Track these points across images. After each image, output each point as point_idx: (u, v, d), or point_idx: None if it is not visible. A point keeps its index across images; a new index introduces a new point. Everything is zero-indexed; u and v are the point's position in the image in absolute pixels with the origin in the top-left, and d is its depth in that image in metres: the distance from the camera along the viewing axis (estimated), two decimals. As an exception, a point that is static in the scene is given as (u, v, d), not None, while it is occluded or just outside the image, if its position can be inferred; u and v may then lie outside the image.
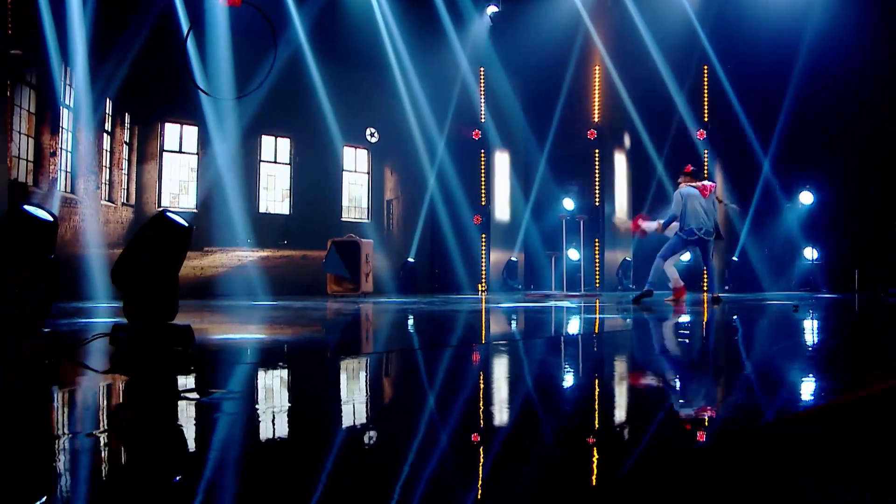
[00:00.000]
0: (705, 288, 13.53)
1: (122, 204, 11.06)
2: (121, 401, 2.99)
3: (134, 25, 10.45)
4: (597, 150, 14.17)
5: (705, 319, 7.41)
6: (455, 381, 3.42)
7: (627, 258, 14.43)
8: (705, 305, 9.59)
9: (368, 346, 5.17)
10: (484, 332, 6.05)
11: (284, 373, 3.72)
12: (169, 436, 2.32)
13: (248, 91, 8.10)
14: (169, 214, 4.41)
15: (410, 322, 6.97)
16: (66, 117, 9.81)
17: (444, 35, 13.83)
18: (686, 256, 14.00)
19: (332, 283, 11.98)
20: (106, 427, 2.41)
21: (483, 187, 14.50)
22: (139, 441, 2.27)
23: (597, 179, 14.17)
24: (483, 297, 11.63)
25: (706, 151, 13.68)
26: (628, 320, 7.17)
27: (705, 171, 13.69)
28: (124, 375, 3.55)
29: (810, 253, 13.30)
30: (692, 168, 9.43)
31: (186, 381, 3.40)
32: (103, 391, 3.13)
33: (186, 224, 4.43)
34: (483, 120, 14.49)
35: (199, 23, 10.91)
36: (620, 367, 3.99)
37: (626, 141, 14.81)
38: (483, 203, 14.41)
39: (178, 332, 4.41)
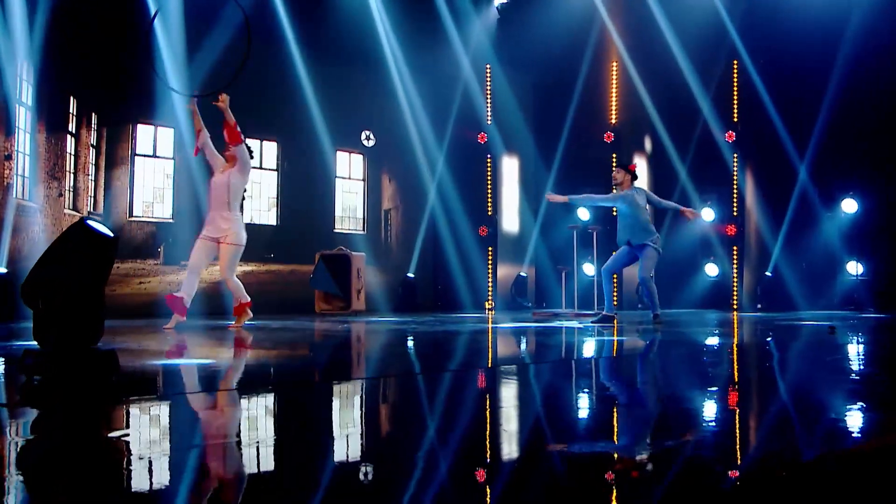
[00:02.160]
0: (735, 305, 13.02)
1: (89, 213, 10.67)
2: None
3: (102, 15, 10.10)
4: (614, 155, 13.74)
5: (734, 342, 6.92)
6: (429, 425, 2.93)
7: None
8: (735, 326, 9.07)
9: (336, 374, 4.69)
10: (454, 360, 5.56)
11: (213, 408, 3.23)
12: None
13: (217, 88, 7.65)
14: (90, 223, 3.96)
15: (383, 346, 6.53)
16: (22, 116, 9.44)
17: (446, 29, 13.49)
18: (714, 271, 13.51)
19: (320, 301, 11.57)
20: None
21: (489, 196, 14.15)
22: None
23: (614, 187, 13.66)
24: (487, 317, 11.18)
25: (735, 155, 13.21)
26: (649, 342, 6.73)
27: (734, 179, 13.19)
28: (29, 408, 3.13)
29: (854, 268, 12.74)
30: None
31: (93, 418, 2.94)
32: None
33: (111, 234, 3.98)
34: (489, 122, 14.16)
35: (173, 13, 10.54)
36: (636, 396, 3.50)
37: (647, 144, 14.39)
38: (490, 213, 14.07)
39: (101, 359, 3.94)
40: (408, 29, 13.16)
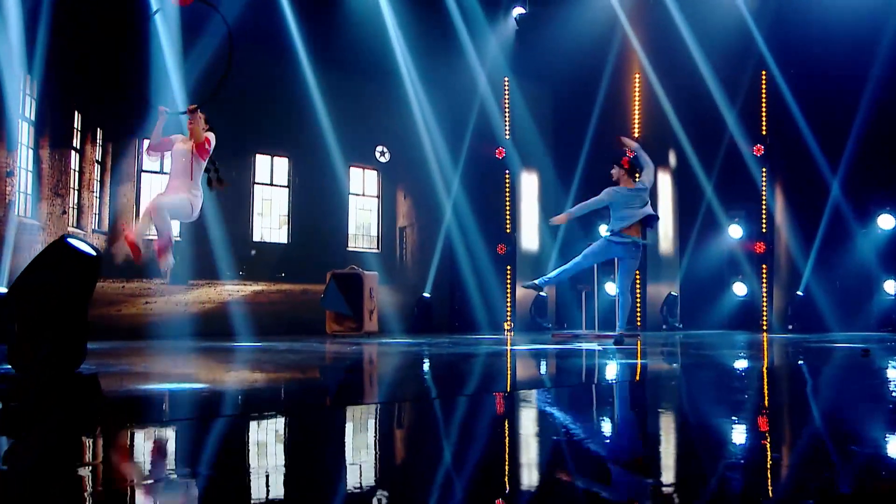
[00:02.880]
0: (765, 327, 12.70)
1: (94, 231, 10.63)
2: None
3: (107, 28, 10.06)
4: (637, 172, 13.45)
5: (765, 366, 6.66)
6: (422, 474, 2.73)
7: (673, 293, 13.71)
8: (765, 348, 8.78)
9: (340, 399, 4.49)
10: (461, 385, 5.35)
11: (201, 438, 3.04)
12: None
13: (202, 100, 7.46)
14: (71, 240, 3.80)
15: (391, 370, 6.34)
16: (25, 132, 9.41)
17: (461, 41, 13.38)
18: (742, 290, 13.22)
19: (331, 322, 11.41)
20: None
21: (508, 213, 13.95)
22: None
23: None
24: (504, 338, 10.96)
25: (764, 170, 12.93)
26: (674, 366, 6.52)
27: (763, 194, 12.91)
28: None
29: (891, 287, 12.38)
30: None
31: (66, 448, 2.76)
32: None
33: (94, 252, 3.82)
34: (507, 136, 13.98)
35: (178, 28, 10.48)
36: (659, 424, 3.27)
37: (671, 159, 14.15)
38: (508, 231, 13.86)
39: (82, 385, 3.77)
40: (422, 41, 13.05)
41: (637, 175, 9.16)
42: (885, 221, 12.46)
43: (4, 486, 2.30)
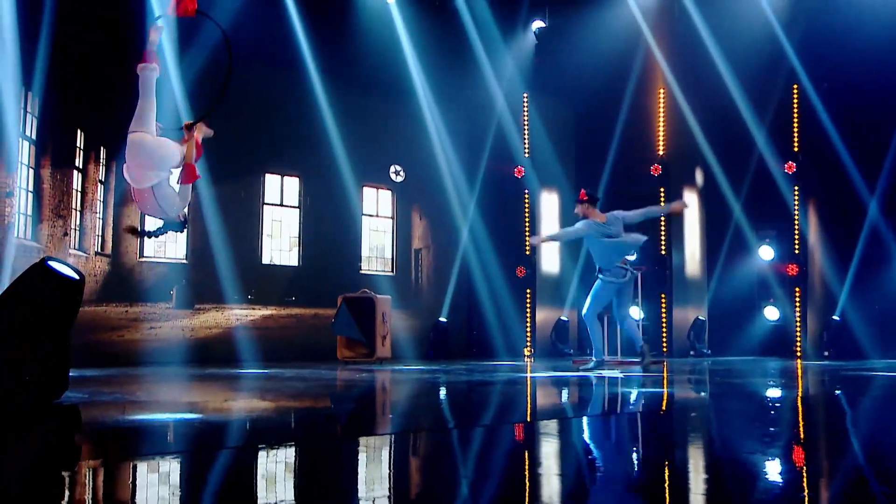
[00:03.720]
0: (799, 353, 12.39)
1: (96, 253, 10.56)
2: None
3: (109, 44, 10.04)
4: (662, 189, 13.28)
5: (799, 395, 6.41)
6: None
7: (701, 317, 13.45)
8: (799, 376, 8.51)
9: (351, 430, 4.30)
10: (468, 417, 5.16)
11: (177, 473, 2.86)
12: None
13: (199, 115, 7.33)
14: (52, 264, 3.67)
15: (405, 400, 6.17)
16: (26, 151, 9.38)
17: (479, 57, 13.30)
18: (774, 314, 12.95)
19: (342, 348, 11.23)
20: None
21: (527, 234, 13.71)
22: None
23: (662, 223, 13.32)
24: (524, 365, 10.75)
25: (796, 188, 12.68)
26: (703, 394, 6.32)
27: (795, 214, 12.65)
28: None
29: (934, 311, 12.07)
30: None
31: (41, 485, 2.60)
32: None
33: (77, 275, 3.68)
34: (527, 155, 13.84)
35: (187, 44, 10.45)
36: (686, 459, 3.07)
37: (698, 177, 13.95)
38: (527, 253, 13.65)
39: (60, 417, 3.62)
40: (437, 57, 12.97)
41: (596, 207, 9.16)
42: (926, 242, 12.17)
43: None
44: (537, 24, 13.92)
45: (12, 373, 3.47)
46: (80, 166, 10.31)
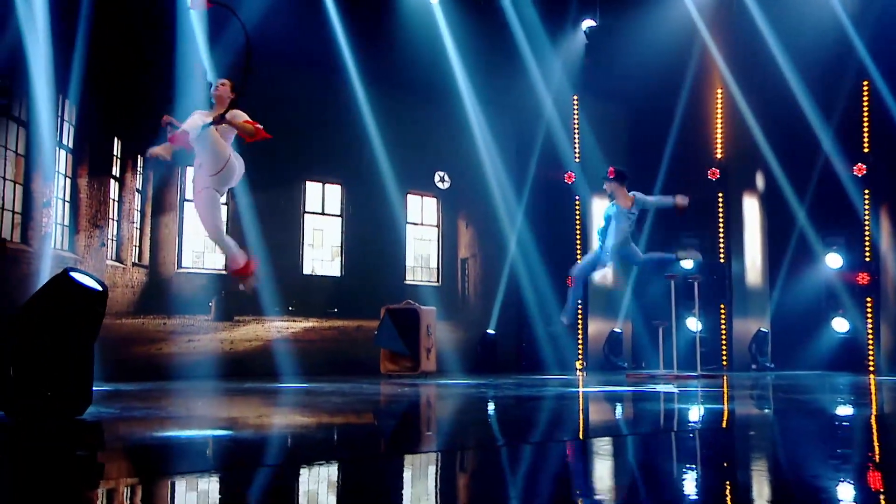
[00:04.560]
0: (872, 367, 11.98)
1: (134, 264, 10.61)
2: None
3: (146, 51, 10.14)
4: (721, 194, 13.16)
5: (873, 413, 6.13)
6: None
7: (763, 329, 13.15)
8: (872, 393, 8.17)
9: (394, 447, 4.18)
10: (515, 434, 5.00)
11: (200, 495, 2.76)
12: None
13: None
14: (74, 275, 3.61)
15: (450, 415, 6.04)
16: (63, 160, 9.48)
17: (526, 58, 13.20)
18: (843, 326, 12.57)
19: (386, 361, 11.13)
20: None
21: (578, 242, 13.66)
22: None
23: (721, 230, 13.09)
24: (576, 379, 10.56)
25: (866, 192, 12.32)
26: (766, 411, 6.10)
27: (865, 219, 12.27)
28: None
29: None
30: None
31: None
32: None
33: (100, 287, 3.61)
34: (577, 160, 13.74)
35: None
36: (751, 482, 2.90)
37: (759, 181, 13.69)
38: (579, 262, 13.40)
39: (82, 433, 3.55)
40: (483, 58, 12.89)
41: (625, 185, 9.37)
42: None
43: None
44: (588, 23, 13.83)
45: (33, 387, 3.40)
46: (117, 175, 10.39)
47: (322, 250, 12.62)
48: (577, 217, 13.69)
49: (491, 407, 6.60)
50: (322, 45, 11.82)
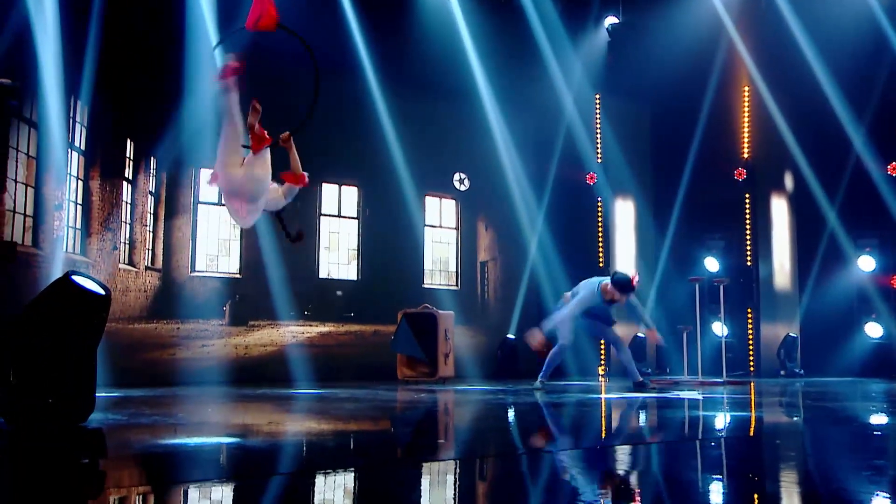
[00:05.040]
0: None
1: (147, 268, 10.65)
2: None
3: (160, 51, 10.14)
4: (747, 195, 13.05)
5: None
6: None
7: (792, 334, 13.00)
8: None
9: (410, 455, 4.10)
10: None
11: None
12: None
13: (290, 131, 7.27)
14: (76, 279, 3.56)
15: (459, 426, 5.96)
16: (75, 162, 9.50)
17: (546, 56, 13.12)
18: (876, 331, 12.42)
19: (402, 367, 11.06)
20: None
21: (600, 244, 13.61)
22: None
23: (748, 232, 12.98)
24: (598, 385, 10.45)
25: (901, 194, 12.17)
26: (795, 419, 6.12)
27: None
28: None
29: None
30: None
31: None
32: None
33: (102, 291, 3.56)
34: (599, 160, 13.70)
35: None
36: (782, 493, 2.82)
37: (788, 182, 13.57)
38: (601, 265, 13.49)
39: (83, 440, 3.50)
40: (502, 57, 12.83)
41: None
42: None
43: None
44: (610, 20, 13.76)
45: (33, 393, 3.36)
46: (130, 177, 10.43)
47: (338, 253, 12.62)
48: (599, 219, 13.64)
49: (511, 414, 6.52)
50: (338, 45, 11.79)
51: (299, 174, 6.49)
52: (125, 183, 10.31)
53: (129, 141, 10.30)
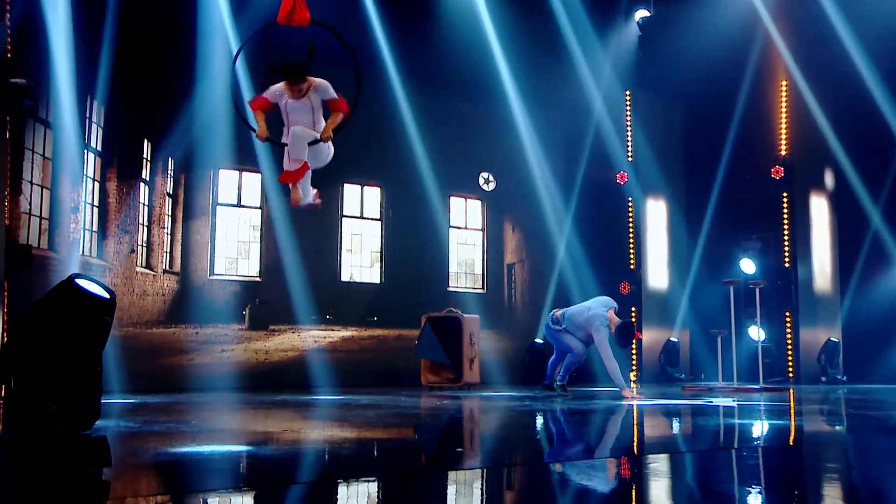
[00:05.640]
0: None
1: (164, 271, 10.65)
2: None
3: (177, 49, 10.15)
4: (785, 194, 12.90)
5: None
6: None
7: (834, 339, 12.83)
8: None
9: (436, 463, 4.00)
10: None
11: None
12: None
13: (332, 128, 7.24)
14: (79, 281, 3.51)
15: (485, 434, 5.86)
16: (91, 163, 9.54)
17: (573, 52, 13.04)
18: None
19: (427, 372, 10.98)
20: None
21: (631, 246, 13.51)
22: None
23: (786, 232, 12.82)
24: (627, 391, 10.31)
25: (946, 193, 11.99)
26: (838, 428, 6.11)
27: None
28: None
29: None
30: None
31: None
32: None
33: (107, 294, 3.50)
34: (630, 159, 13.59)
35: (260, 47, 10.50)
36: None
37: (828, 179, 13.42)
38: (632, 267, 13.43)
39: (87, 448, 3.44)
40: (528, 53, 12.71)
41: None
42: None
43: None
44: (641, 13, 13.70)
45: (35, 400, 3.30)
46: (148, 179, 10.44)
47: (361, 256, 12.54)
48: (630, 219, 13.54)
49: (538, 421, 6.44)
50: (360, 41, 11.72)
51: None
52: (142, 184, 10.33)
53: (145, 141, 10.31)
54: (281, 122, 6.75)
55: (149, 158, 10.44)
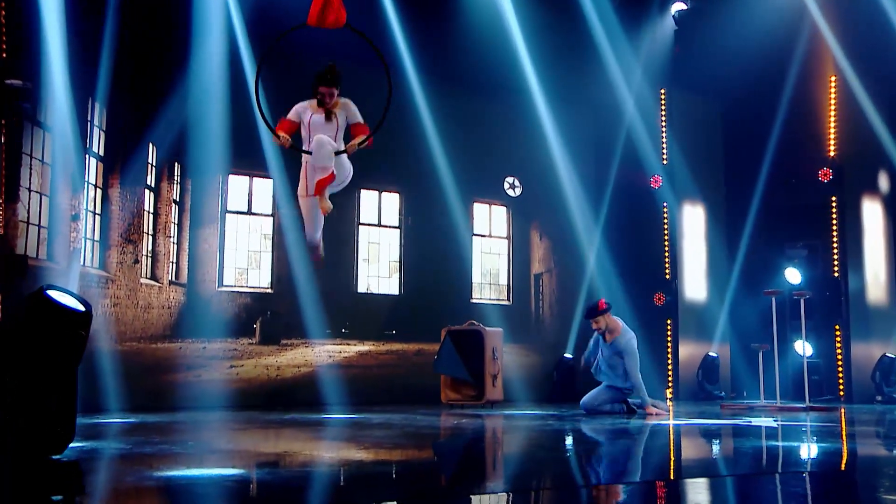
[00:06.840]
0: None
1: (170, 282, 10.65)
2: None
3: (181, 52, 10.14)
4: (834, 198, 12.68)
5: None
6: None
7: (890, 354, 12.56)
8: None
9: (456, 486, 3.84)
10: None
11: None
12: None
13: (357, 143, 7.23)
14: (51, 293, 3.37)
15: (508, 456, 5.72)
16: (93, 168, 9.54)
17: (603, 49, 12.97)
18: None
19: (447, 389, 10.92)
20: None
21: (667, 255, 13.37)
22: None
23: (835, 240, 12.61)
24: (663, 408, 10.13)
25: None
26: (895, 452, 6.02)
27: None
28: None
29: None
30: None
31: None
32: None
33: (82, 307, 3.36)
34: (665, 162, 13.47)
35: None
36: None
37: (882, 182, 13.22)
38: (667, 277, 13.29)
39: (56, 474, 3.30)
40: (555, 51, 12.68)
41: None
42: None
43: None
44: (677, 7, 13.60)
45: (2, 423, 3.17)
46: (152, 185, 10.45)
47: (379, 266, 12.56)
48: (665, 227, 13.42)
49: (569, 442, 6.32)
50: (377, 39, 11.69)
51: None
52: (147, 191, 10.33)
53: (150, 145, 10.31)
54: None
55: (154, 163, 10.45)
